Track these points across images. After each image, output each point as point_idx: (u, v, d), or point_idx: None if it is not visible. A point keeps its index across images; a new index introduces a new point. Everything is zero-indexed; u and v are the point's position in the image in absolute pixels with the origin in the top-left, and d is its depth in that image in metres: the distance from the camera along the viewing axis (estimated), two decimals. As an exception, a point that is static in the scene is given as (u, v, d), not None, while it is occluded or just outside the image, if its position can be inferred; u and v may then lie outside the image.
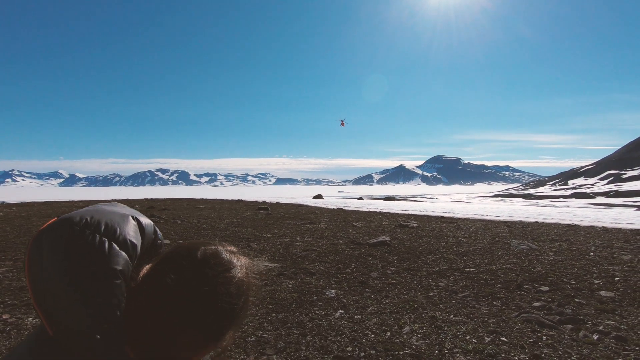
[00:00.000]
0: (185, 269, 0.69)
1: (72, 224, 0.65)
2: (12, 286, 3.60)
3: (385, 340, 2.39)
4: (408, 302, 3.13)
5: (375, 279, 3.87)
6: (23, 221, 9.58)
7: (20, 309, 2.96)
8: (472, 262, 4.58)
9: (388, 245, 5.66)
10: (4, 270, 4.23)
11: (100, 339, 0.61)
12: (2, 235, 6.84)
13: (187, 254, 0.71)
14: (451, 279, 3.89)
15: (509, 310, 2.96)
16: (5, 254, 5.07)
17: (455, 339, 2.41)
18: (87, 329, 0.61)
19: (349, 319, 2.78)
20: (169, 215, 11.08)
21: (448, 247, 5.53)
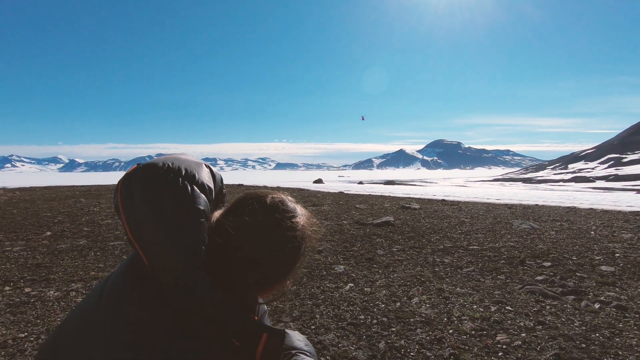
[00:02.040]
0: (257, 213, 0.76)
1: (157, 169, 0.72)
2: (29, 263, 3.69)
3: (395, 309, 2.50)
4: (415, 277, 3.24)
5: (382, 256, 3.98)
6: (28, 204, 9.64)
7: (40, 283, 3.06)
8: (475, 241, 4.68)
9: (392, 225, 5.76)
10: (18, 249, 4.32)
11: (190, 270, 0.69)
12: (11, 218, 6.91)
13: (257, 199, 0.79)
14: (455, 255, 3.99)
15: (513, 284, 3.06)
16: (17, 235, 5.16)
17: (463, 308, 2.51)
18: (179, 261, 0.68)
19: (359, 291, 2.89)
20: (172, 198, 11.16)
21: (451, 227, 5.62)
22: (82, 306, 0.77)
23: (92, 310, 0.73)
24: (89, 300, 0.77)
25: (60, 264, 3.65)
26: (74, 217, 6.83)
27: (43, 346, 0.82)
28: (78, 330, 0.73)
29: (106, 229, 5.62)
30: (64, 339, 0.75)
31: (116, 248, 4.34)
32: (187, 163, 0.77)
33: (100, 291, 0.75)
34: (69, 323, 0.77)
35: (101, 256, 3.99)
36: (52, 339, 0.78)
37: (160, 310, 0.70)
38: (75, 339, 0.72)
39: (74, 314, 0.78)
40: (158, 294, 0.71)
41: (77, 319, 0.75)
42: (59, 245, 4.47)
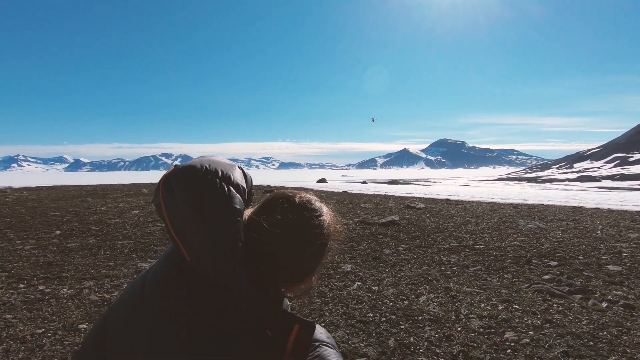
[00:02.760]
0: (287, 211, 0.81)
1: (195, 170, 0.77)
2: (40, 262, 3.75)
3: (403, 307, 2.52)
4: (422, 275, 3.26)
5: (388, 255, 4.00)
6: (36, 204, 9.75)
7: (53, 281, 3.11)
8: (481, 240, 4.70)
9: (397, 224, 5.78)
10: (30, 247, 4.39)
11: (229, 265, 0.73)
12: (20, 217, 7.01)
13: (287, 199, 0.84)
14: (462, 255, 4.01)
15: (519, 283, 3.08)
16: (27, 233, 5.24)
17: (470, 306, 2.53)
18: (219, 256, 0.73)
19: (366, 289, 2.92)
20: (178, 198, 11.23)
21: (457, 227, 5.64)
22: (126, 298, 0.82)
23: (136, 301, 0.77)
24: (131, 292, 0.81)
25: (71, 262, 3.71)
26: (82, 216, 6.91)
27: (90, 335, 0.86)
28: (123, 321, 0.77)
29: (114, 228, 5.68)
30: (111, 329, 0.79)
31: (125, 247, 4.40)
32: (222, 165, 0.82)
33: (142, 283, 0.79)
34: (113, 314, 0.81)
35: (111, 255, 4.04)
36: (98, 329, 0.82)
37: (201, 302, 0.74)
38: (122, 329, 0.77)
39: (118, 305, 0.82)
40: (198, 287, 0.75)
41: (122, 310, 0.80)
42: (69, 244, 4.53)
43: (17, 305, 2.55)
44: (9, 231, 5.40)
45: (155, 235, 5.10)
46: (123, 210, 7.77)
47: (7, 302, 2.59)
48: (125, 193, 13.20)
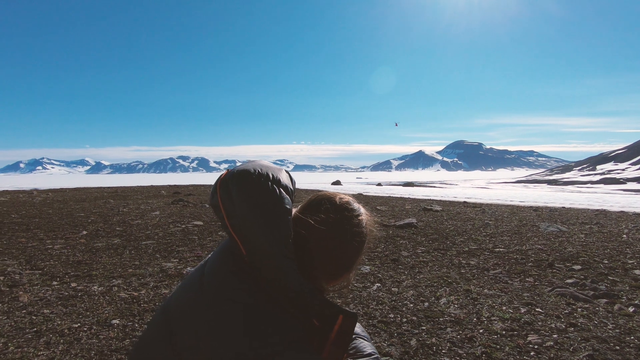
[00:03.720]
0: (330, 211, 0.88)
1: (249, 174, 0.84)
2: (70, 260, 3.92)
3: (424, 309, 2.54)
4: (441, 278, 3.26)
5: (407, 257, 4.01)
6: (62, 205, 10.11)
7: (84, 279, 3.25)
8: (501, 243, 4.65)
9: (415, 227, 5.77)
10: (59, 247, 4.58)
11: (282, 259, 0.81)
12: (48, 217, 7.30)
13: (328, 199, 0.91)
14: (481, 258, 3.98)
15: (542, 286, 3.04)
16: (56, 233, 5.46)
17: (492, 309, 2.53)
18: (273, 252, 0.80)
19: (386, 291, 2.94)
20: (195, 199, 11.44)
21: (475, 229, 5.58)
22: (186, 288, 0.90)
23: (197, 291, 0.85)
24: (191, 283, 0.89)
25: (99, 262, 3.86)
26: (106, 217, 7.15)
27: (155, 320, 0.95)
28: (187, 308, 0.85)
29: (137, 228, 5.86)
30: (175, 316, 0.86)
31: (149, 247, 4.54)
32: (271, 169, 0.89)
33: (201, 274, 0.87)
34: (175, 302, 0.89)
35: (136, 254, 4.18)
36: (163, 314, 0.90)
37: (256, 291, 0.82)
38: (186, 316, 0.84)
39: (180, 294, 0.90)
40: (253, 278, 0.82)
41: (184, 299, 0.87)
42: (95, 244, 4.71)
43: (53, 301, 2.68)
44: (39, 231, 5.64)
45: (176, 236, 5.24)
46: (144, 212, 7.99)
47: (43, 298, 2.73)
48: (145, 195, 13.56)
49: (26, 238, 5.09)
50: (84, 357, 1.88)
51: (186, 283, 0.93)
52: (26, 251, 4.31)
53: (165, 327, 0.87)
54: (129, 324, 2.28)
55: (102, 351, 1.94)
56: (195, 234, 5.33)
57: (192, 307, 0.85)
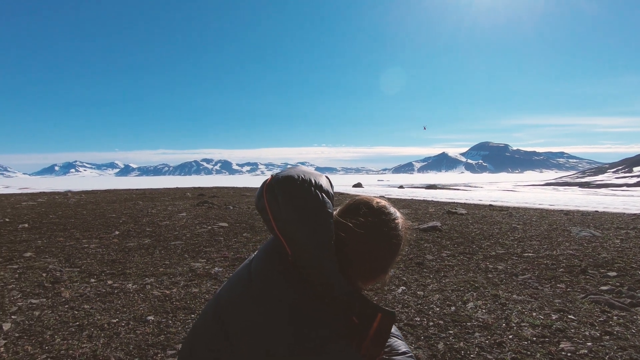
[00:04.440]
0: (367, 215, 0.93)
1: (294, 180, 0.90)
2: (105, 259, 4.11)
3: (451, 313, 2.52)
4: (468, 282, 3.21)
5: (432, 261, 3.97)
6: (94, 206, 10.57)
7: (119, 277, 3.41)
8: (529, 248, 4.52)
9: (439, 230, 5.69)
10: (94, 246, 4.81)
11: (325, 260, 0.86)
12: (82, 218, 7.66)
13: (366, 203, 0.96)
14: (509, 262, 3.89)
15: (574, 293, 2.95)
16: (91, 233, 5.74)
17: (521, 315, 2.47)
18: (317, 253, 0.86)
19: (412, 294, 2.93)
20: (219, 201, 11.69)
21: (502, 234, 5.45)
22: (234, 284, 0.96)
23: (245, 288, 0.92)
24: (239, 279, 0.95)
25: (132, 261, 4.03)
26: (136, 218, 7.44)
27: (207, 313, 1.01)
28: (237, 303, 0.91)
29: (165, 229, 6.07)
30: (226, 310, 0.93)
31: (177, 247, 4.70)
32: (313, 174, 0.94)
33: (248, 272, 0.94)
34: (226, 297, 0.96)
35: (165, 254, 4.34)
36: (214, 309, 0.97)
37: (301, 288, 0.87)
38: (237, 310, 0.91)
39: (229, 290, 0.97)
40: (298, 276, 0.87)
41: (234, 295, 0.94)
42: (127, 244, 4.92)
43: (92, 297, 2.83)
44: (75, 231, 5.94)
45: (203, 237, 5.39)
46: (172, 213, 8.25)
47: (83, 294, 2.89)
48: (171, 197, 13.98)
49: (64, 237, 5.37)
50: (124, 351, 1.99)
51: (235, 279, 1.00)
52: (65, 250, 4.56)
53: (218, 320, 0.94)
54: (162, 321, 2.39)
55: (140, 345, 2.04)
56: (221, 235, 5.47)
57: (241, 303, 0.92)
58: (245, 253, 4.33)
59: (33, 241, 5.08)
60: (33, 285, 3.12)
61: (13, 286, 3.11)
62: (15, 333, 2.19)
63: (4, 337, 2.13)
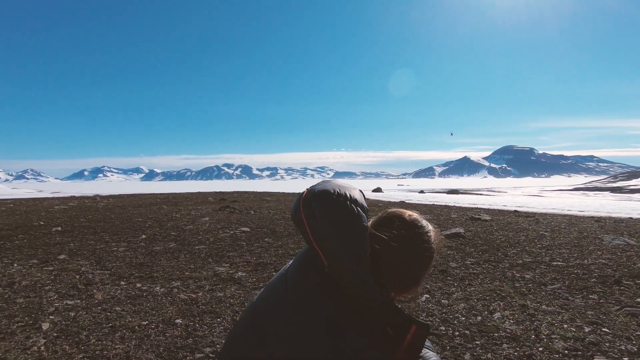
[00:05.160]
0: (401, 228, 0.94)
1: (330, 194, 0.93)
2: (134, 262, 4.26)
3: (477, 323, 2.47)
4: (494, 291, 3.14)
5: (455, 269, 3.90)
6: (121, 210, 10.95)
7: (147, 280, 3.53)
8: (559, 256, 4.36)
9: (462, 237, 5.58)
10: (123, 249, 4.99)
11: (360, 272, 0.88)
12: (110, 222, 7.95)
13: (399, 217, 0.97)
14: (537, 271, 3.77)
15: (608, 304, 2.83)
16: (119, 237, 5.95)
17: (551, 326, 2.40)
18: (352, 265, 0.88)
19: (436, 302, 2.89)
20: (241, 206, 11.87)
21: (529, 241, 5.29)
22: (271, 293, 1.00)
23: (282, 298, 0.95)
24: (275, 289, 0.99)
25: (158, 264, 4.16)
26: (161, 222, 7.66)
27: (244, 321, 1.05)
28: (274, 312, 0.95)
29: (189, 233, 6.22)
30: (264, 319, 0.96)
31: (201, 252, 4.80)
32: (347, 188, 0.97)
33: (285, 281, 0.97)
34: (263, 307, 0.99)
35: (190, 258, 4.45)
36: (251, 317, 1.01)
37: (338, 299, 0.89)
38: (274, 320, 0.94)
39: (266, 300, 1.00)
40: (334, 287, 0.90)
41: (271, 304, 0.97)
42: (154, 248, 5.07)
43: (123, 299, 2.94)
44: (105, 234, 6.18)
45: (226, 241, 5.49)
46: (195, 218, 8.44)
47: (114, 297, 3.01)
48: (194, 201, 14.30)
49: (94, 241, 5.60)
50: (154, 353, 2.06)
51: (271, 287, 1.03)
52: (95, 253, 4.75)
53: (255, 328, 0.97)
54: (190, 324, 2.45)
55: (170, 348, 2.11)
56: (243, 240, 5.56)
57: (278, 312, 0.95)
58: (268, 258, 4.39)
59: (66, 244, 5.32)
60: (68, 287, 3.27)
61: (49, 287, 3.27)
62: (53, 333, 2.31)
63: (43, 337, 2.25)
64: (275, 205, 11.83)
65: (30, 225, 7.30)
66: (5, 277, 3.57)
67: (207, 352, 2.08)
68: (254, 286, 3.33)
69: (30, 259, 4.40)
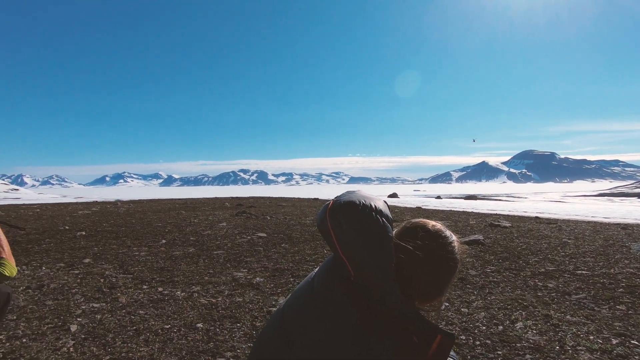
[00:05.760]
0: (425, 238, 0.96)
1: (355, 205, 0.95)
2: (155, 267, 4.36)
3: (498, 332, 2.42)
4: (516, 300, 3.07)
5: (475, 277, 3.84)
6: (142, 215, 11.21)
7: (168, 284, 3.61)
8: (583, 265, 4.23)
9: (482, 244, 5.48)
10: (144, 254, 5.11)
11: (386, 281, 0.91)
12: (132, 227, 8.16)
13: (422, 227, 0.99)
14: (560, 280, 3.67)
15: (637, 316, 2.73)
16: (140, 241, 6.10)
17: (577, 337, 2.33)
18: (378, 274, 0.91)
19: (455, 311, 2.85)
20: (257, 211, 11.98)
21: (552, 249, 5.15)
22: (298, 299, 1.03)
23: (309, 306, 0.98)
24: (302, 297, 1.02)
25: (179, 269, 4.24)
26: (180, 227, 7.81)
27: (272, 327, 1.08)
28: (302, 318, 0.98)
29: (208, 238, 6.32)
30: (291, 326, 1.00)
31: (220, 257, 4.88)
32: (372, 199, 0.99)
33: (311, 288, 1.00)
34: (290, 313, 1.03)
35: (209, 263, 4.53)
36: (279, 323, 1.04)
37: (364, 309, 0.91)
38: (302, 327, 0.97)
39: (294, 307, 1.03)
40: (360, 297, 0.92)
41: (299, 312, 1.00)
42: (174, 252, 5.18)
43: (146, 303, 3.02)
44: (126, 239, 6.35)
45: (243, 247, 5.56)
46: (213, 223, 8.57)
47: (137, 300, 3.09)
48: (211, 206, 14.52)
49: (117, 245, 5.76)
50: (177, 356, 2.11)
51: (298, 294, 1.07)
52: (118, 257, 4.89)
53: (283, 334, 1.00)
54: (211, 328, 2.50)
55: (192, 352, 2.16)
56: (261, 246, 5.61)
57: (305, 319, 0.98)
58: (285, 264, 4.42)
59: (90, 248, 5.49)
60: (93, 290, 3.38)
61: (76, 290, 3.39)
62: (81, 334, 2.39)
63: (72, 338, 2.33)
64: (291, 211, 11.89)
65: (56, 229, 7.57)
66: (34, 280, 3.72)
67: (229, 357, 2.11)
68: (272, 292, 3.36)
69: (57, 262, 4.56)
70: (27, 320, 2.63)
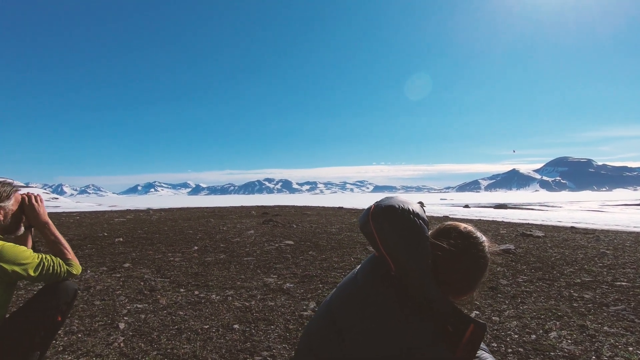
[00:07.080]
0: (457, 237, 1.06)
1: (395, 209, 1.07)
2: (189, 272, 4.57)
3: (531, 341, 2.41)
4: (549, 310, 3.02)
5: (506, 286, 3.78)
6: (173, 223, 11.65)
7: (203, 288, 3.79)
8: (623, 276, 4.07)
9: (513, 253, 5.36)
10: (179, 259, 5.36)
11: (424, 276, 1.01)
12: (165, 234, 8.51)
13: (454, 228, 1.09)
14: (598, 291, 3.56)
15: (681, 329, 2.62)
16: (174, 247, 6.38)
17: (614, 348, 2.28)
18: (418, 271, 1.02)
19: (486, 319, 2.84)
20: (283, 220, 12.17)
21: (588, 259, 4.97)
22: (343, 291, 1.14)
23: (354, 299, 1.09)
24: (347, 290, 1.13)
25: (212, 274, 4.43)
26: (210, 234, 8.09)
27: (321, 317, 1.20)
28: (347, 309, 1.09)
29: (237, 246, 6.53)
30: (339, 317, 1.11)
31: (250, 263, 5.04)
32: (409, 203, 1.10)
33: (355, 283, 1.11)
34: (337, 305, 1.14)
35: (240, 269, 4.69)
36: (327, 315, 1.15)
37: (404, 300, 1.02)
38: (349, 317, 1.09)
39: (339, 300, 1.14)
40: (402, 292, 1.03)
41: (345, 304, 1.12)
42: (206, 258, 5.39)
43: (184, 305, 3.20)
44: (161, 245, 6.65)
45: (272, 254, 5.71)
46: (241, 230, 8.82)
47: (177, 302, 3.28)
48: (238, 215, 14.88)
49: (152, 251, 6.06)
50: (217, 353, 2.24)
51: (343, 288, 1.18)
52: (155, 262, 5.15)
53: (332, 324, 1.12)
54: (247, 329, 2.63)
55: (231, 350, 2.29)
56: (288, 253, 5.74)
57: (352, 310, 1.10)
58: (313, 271, 4.52)
59: (128, 253, 5.81)
60: (135, 292, 3.60)
61: (120, 292, 3.62)
62: (129, 332, 2.58)
63: (121, 334, 2.53)
64: (317, 219, 12.01)
65: (96, 236, 8.04)
66: (82, 282, 4.01)
67: (265, 356, 2.23)
68: (302, 297, 3.46)
69: (100, 266, 4.87)
70: (80, 318, 2.86)
